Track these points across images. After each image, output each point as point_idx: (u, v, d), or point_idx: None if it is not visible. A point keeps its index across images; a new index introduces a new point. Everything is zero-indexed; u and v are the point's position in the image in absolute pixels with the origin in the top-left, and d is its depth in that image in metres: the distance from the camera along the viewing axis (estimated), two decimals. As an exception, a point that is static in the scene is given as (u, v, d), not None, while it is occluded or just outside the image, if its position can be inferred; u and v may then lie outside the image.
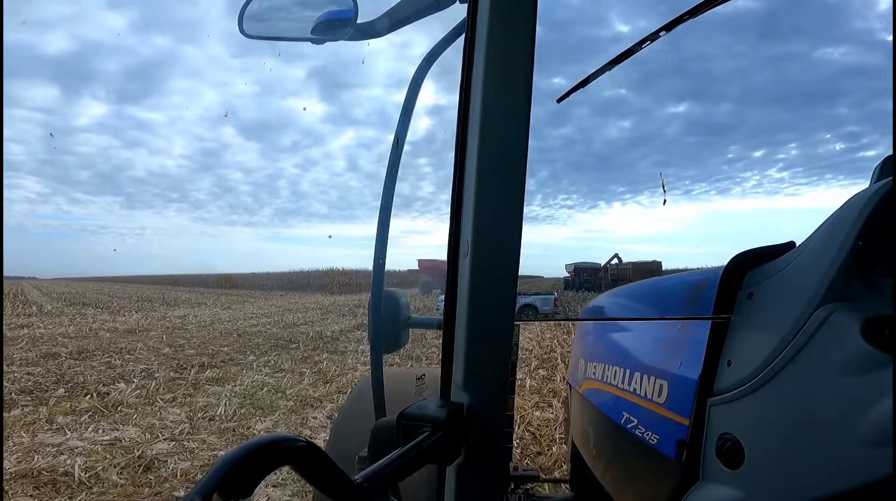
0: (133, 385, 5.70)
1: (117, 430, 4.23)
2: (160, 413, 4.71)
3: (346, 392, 5.48)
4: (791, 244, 0.63)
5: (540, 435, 3.98)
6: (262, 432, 4.22)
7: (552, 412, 4.46)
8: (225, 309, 18.14)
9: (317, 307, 18.42)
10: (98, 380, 6.07)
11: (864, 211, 0.51)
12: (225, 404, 4.96)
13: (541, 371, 6.31)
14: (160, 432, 4.18)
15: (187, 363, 7.21)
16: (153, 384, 5.71)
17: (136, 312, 16.34)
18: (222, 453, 3.67)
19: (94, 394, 5.35)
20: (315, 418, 4.63)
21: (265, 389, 5.66)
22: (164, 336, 10.09)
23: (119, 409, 4.84)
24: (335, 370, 6.63)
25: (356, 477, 0.45)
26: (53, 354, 7.82)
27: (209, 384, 5.87)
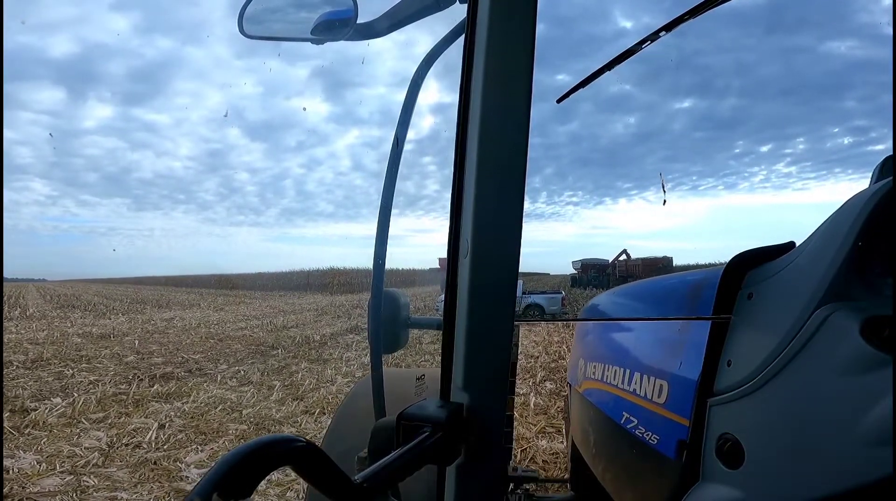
0: (69, 400, 4.86)
1: (13, 458, 3.38)
2: (77, 437, 3.85)
3: (313, 413, 4.59)
4: (791, 244, 0.62)
5: (547, 474, 3.04)
6: (191, 466, 3.33)
7: (563, 441, 3.52)
8: (217, 311, 17.35)
9: (313, 309, 17.58)
10: (34, 394, 5.23)
11: (864, 211, 0.51)
12: (161, 427, 4.08)
13: (548, 384, 5.37)
14: (61, 462, 3.32)
15: (146, 373, 6.35)
16: (82, 400, 4.83)
17: (122, 314, 15.59)
18: (124, 495, 2.76)
19: (17, 411, 4.51)
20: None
21: (220, 407, 4.78)
22: (137, 342, 9.26)
23: (30, 431, 3.98)
24: (309, 383, 5.73)
25: (356, 478, 0.45)
26: (6, 362, 7.03)
27: (156, 401, 4.99)
